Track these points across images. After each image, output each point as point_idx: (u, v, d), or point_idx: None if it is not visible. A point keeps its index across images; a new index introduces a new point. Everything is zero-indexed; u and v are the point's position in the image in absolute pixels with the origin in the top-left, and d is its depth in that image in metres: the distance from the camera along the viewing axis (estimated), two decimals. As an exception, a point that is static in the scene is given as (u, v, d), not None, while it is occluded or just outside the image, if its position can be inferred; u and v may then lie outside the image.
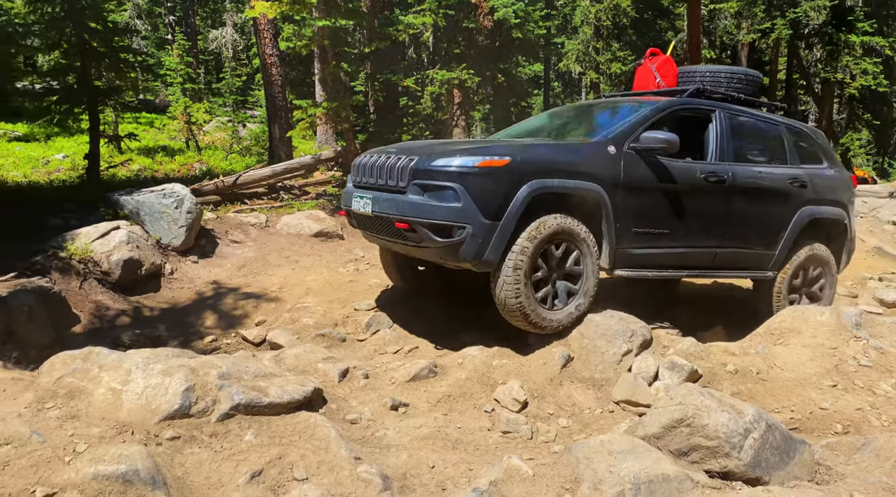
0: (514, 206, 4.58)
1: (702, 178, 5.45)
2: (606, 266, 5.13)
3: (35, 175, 11.15)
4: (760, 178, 5.89)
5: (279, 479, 3.33)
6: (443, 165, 4.64)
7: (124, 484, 3.02)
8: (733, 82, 6.39)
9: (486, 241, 4.55)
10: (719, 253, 5.75)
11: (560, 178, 4.77)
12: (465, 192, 4.52)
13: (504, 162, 4.59)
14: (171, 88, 19.71)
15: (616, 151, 5.03)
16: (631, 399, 4.42)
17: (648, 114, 5.37)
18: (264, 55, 12.77)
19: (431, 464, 3.66)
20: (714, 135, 5.74)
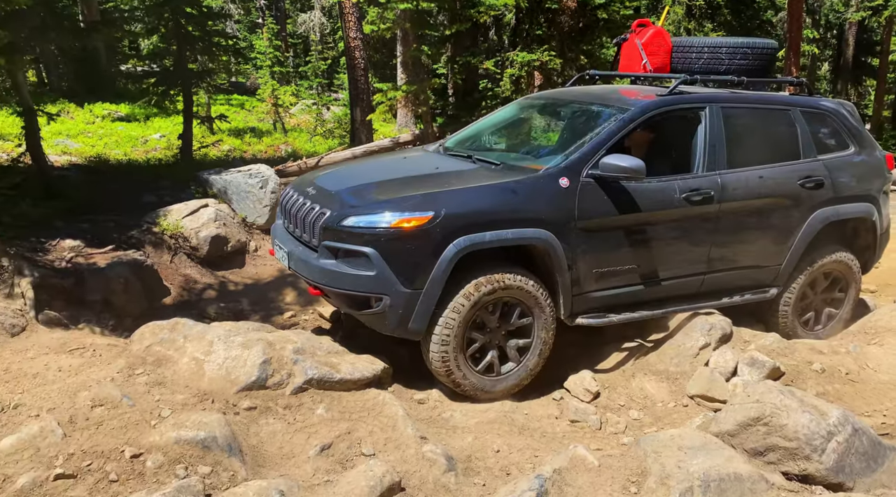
0: (438, 270, 3.91)
1: (682, 199, 4.54)
2: (563, 316, 4.43)
3: (134, 153, 11.81)
4: (760, 185, 4.85)
5: (347, 454, 3.43)
6: (352, 225, 3.98)
7: (203, 449, 3.18)
8: (736, 58, 5.26)
9: (408, 312, 3.97)
10: (707, 279, 4.87)
11: (495, 230, 4.01)
12: (380, 258, 3.89)
13: (424, 219, 3.88)
14: (261, 71, 20.36)
15: (570, 184, 4.22)
16: (706, 394, 4.27)
17: (614, 129, 4.44)
18: (348, 38, 12.98)
19: (496, 448, 3.67)
20: (701, 140, 4.71)
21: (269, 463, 3.34)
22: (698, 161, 4.70)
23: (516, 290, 4.16)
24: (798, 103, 5.21)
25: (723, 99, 4.87)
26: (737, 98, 4.97)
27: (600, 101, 4.93)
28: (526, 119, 5.45)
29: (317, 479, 3.15)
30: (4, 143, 10.49)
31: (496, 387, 4.29)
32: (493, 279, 4.07)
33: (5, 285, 5.07)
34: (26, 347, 4.53)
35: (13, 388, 3.81)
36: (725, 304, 4.96)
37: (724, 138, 4.74)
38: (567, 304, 4.37)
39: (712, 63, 5.28)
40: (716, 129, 4.72)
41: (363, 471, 3.00)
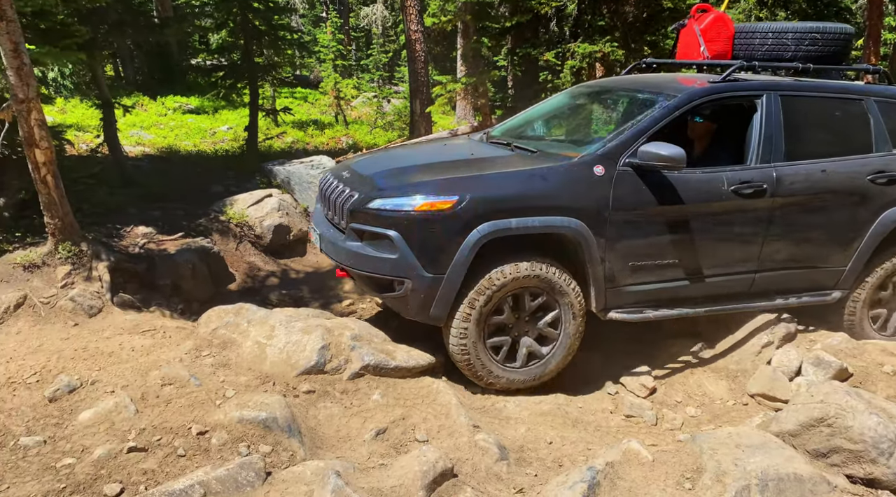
0: (460, 255, 3.84)
1: (730, 192, 4.27)
2: (595, 309, 4.27)
3: (203, 145, 12.24)
4: (822, 180, 4.51)
5: (402, 439, 3.50)
6: (378, 208, 3.97)
7: (265, 429, 3.31)
8: (804, 43, 4.83)
9: (429, 297, 3.92)
10: (758, 278, 4.56)
11: (521, 217, 3.90)
12: (403, 241, 3.87)
13: (449, 203, 3.83)
14: (324, 65, 20.73)
15: (605, 172, 4.04)
16: (768, 393, 4.16)
17: (657, 116, 4.21)
18: (409, 31, 13.07)
19: (549, 439, 3.68)
20: (756, 130, 4.42)
21: (326, 445, 3.44)
22: (752, 152, 4.42)
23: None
24: (872, 93, 4.84)
25: (783, 86, 4.54)
26: (799, 86, 4.63)
27: (650, 88, 4.69)
28: (574, 107, 5.26)
29: (372, 462, 3.23)
30: (84, 134, 11.04)
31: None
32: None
33: (84, 269, 5.36)
34: (102, 328, 4.80)
35: (91, 366, 4.04)
36: (780, 306, 4.67)
37: (782, 129, 4.44)
38: (600, 297, 4.22)
39: (777, 49, 4.92)
40: (773, 119, 4.43)
41: (416, 456, 3.06)
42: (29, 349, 4.31)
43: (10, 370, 3.97)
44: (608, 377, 4.56)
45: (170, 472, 3.04)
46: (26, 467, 3.07)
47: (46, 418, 3.51)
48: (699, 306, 4.45)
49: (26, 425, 3.45)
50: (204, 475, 2.83)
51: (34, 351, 4.29)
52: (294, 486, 2.83)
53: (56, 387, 3.73)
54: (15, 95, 4.82)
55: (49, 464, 3.10)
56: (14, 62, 4.71)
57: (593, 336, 5.02)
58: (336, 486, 2.67)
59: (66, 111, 13.63)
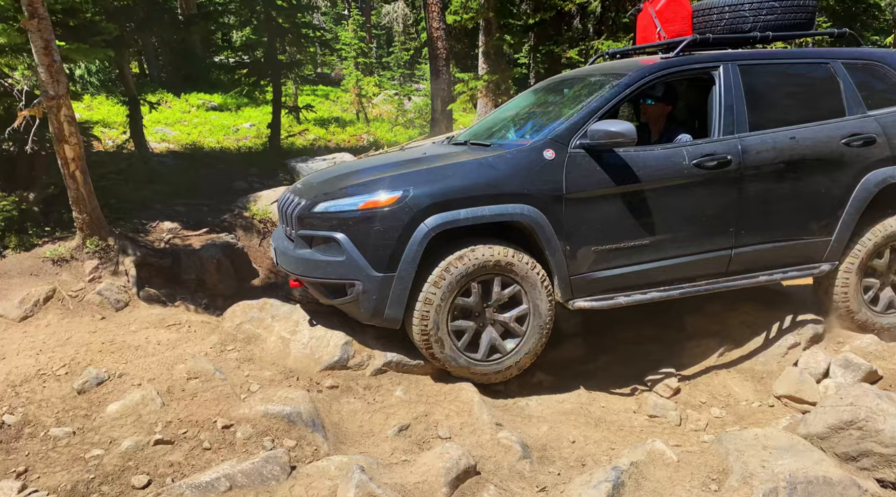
0: (409, 252, 3.75)
1: (692, 165, 4.10)
2: (561, 299, 4.08)
3: (226, 141, 12.35)
4: (792, 147, 4.30)
5: (424, 435, 3.50)
6: (322, 211, 3.91)
7: (289, 423, 3.33)
8: (762, 13, 4.64)
9: (382, 297, 3.80)
10: (735, 255, 4.34)
11: (470, 208, 3.79)
12: (349, 242, 3.79)
13: (391, 199, 3.75)
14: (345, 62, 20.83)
15: (555, 156, 3.92)
16: (794, 395, 4.10)
17: (607, 96, 4.10)
18: (431, 29, 13.07)
19: (572, 438, 3.66)
20: (716, 102, 4.28)
21: (349, 440, 3.46)
22: (714, 126, 4.27)
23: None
24: (839, 55, 4.61)
25: (739, 57, 4.39)
26: (756, 55, 4.47)
27: (603, 71, 4.54)
28: (537, 102, 5.07)
29: (395, 458, 3.24)
30: (109, 131, 11.19)
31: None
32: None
33: (111, 263, 5.44)
34: (129, 321, 4.86)
35: (118, 359, 4.10)
36: (764, 282, 4.46)
37: (743, 99, 4.29)
38: (564, 286, 4.05)
39: (736, 23, 4.72)
40: (732, 90, 4.28)
41: (440, 453, 3.06)
42: (58, 341, 4.39)
43: (41, 362, 4.04)
44: (631, 377, 4.52)
45: (196, 464, 3.07)
46: (56, 458, 3.13)
47: (75, 410, 3.57)
48: (674, 288, 4.26)
49: (56, 416, 3.51)
50: (229, 468, 2.86)
51: (63, 343, 4.36)
52: (318, 480, 2.84)
53: (84, 379, 3.79)
54: (45, 92, 4.90)
55: (78, 455, 3.15)
56: (45, 59, 4.79)
57: (614, 336, 5.00)
58: (360, 481, 2.68)
59: (92, 108, 13.83)
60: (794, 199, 4.38)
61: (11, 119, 5.28)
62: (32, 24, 4.68)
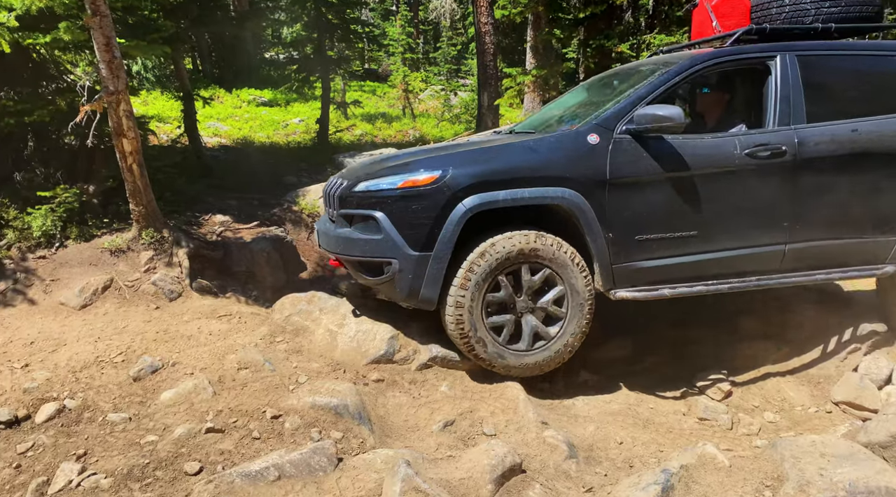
0: (446, 231, 3.73)
1: (744, 155, 3.99)
2: (602, 288, 4.00)
3: (276, 136, 12.56)
4: (853, 140, 4.14)
5: (469, 432, 3.50)
6: (363, 191, 3.94)
7: (336, 415, 3.37)
8: (825, 6, 4.47)
9: (417, 277, 3.78)
10: (790, 250, 4.17)
11: (509, 189, 3.76)
12: (388, 221, 3.81)
13: (430, 179, 3.75)
14: (393, 58, 20.94)
15: (600, 140, 3.86)
16: (854, 401, 3.96)
17: (656, 83, 4.03)
18: (479, 23, 13.01)
19: (619, 439, 3.61)
20: (772, 91, 4.15)
21: (395, 434, 3.47)
22: (769, 116, 4.15)
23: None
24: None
25: (799, 48, 4.25)
26: (817, 46, 4.32)
27: (655, 62, 4.46)
28: (586, 97, 5.01)
29: (440, 453, 3.24)
30: (164, 125, 11.50)
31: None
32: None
33: (165, 255, 5.58)
34: (182, 311, 4.99)
35: (171, 348, 4.21)
36: (821, 280, 4.26)
37: (801, 90, 4.15)
38: (606, 275, 3.96)
39: (797, 16, 4.55)
40: (790, 81, 4.15)
41: (485, 450, 3.05)
42: (115, 330, 4.53)
43: (99, 349, 4.18)
44: (681, 379, 4.43)
45: (245, 453, 3.13)
46: (113, 442, 3.23)
47: (131, 396, 3.68)
48: (722, 283, 4.11)
49: (113, 402, 3.62)
50: (278, 458, 2.90)
51: (120, 331, 4.50)
52: (364, 473, 2.86)
53: (140, 367, 3.91)
54: (106, 87, 5.05)
55: (134, 440, 3.25)
56: (106, 55, 4.94)
57: (662, 336, 4.91)
58: (406, 475, 2.69)
59: (148, 103, 14.23)
60: (855, 194, 4.19)
61: (74, 114, 5.47)
62: (95, 22, 4.83)
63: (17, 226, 5.63)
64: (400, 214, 3.79)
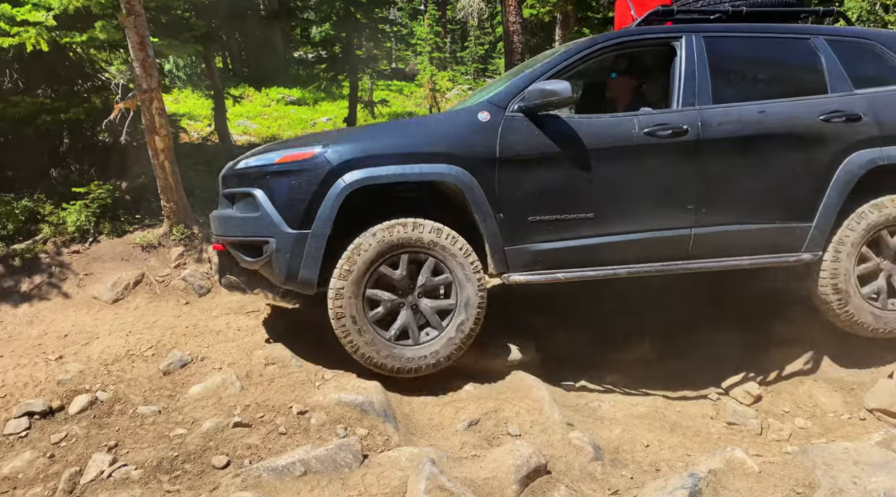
0: (325, 208, 3.56)
1: (643, 134, 3.83)
2: (495, 271, 3.83)
3: (303, 135, 12.67)
4: (761, 120, 3.96)
5: (494, 432, 3.49)
6: (243, 168, 3.82)
7: (361, 412, 3.39)
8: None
9: (296, 256, 3.60)
10: (697, 236, 3.97)
11: (392, 165, 3.62)
12: (265, 198, 3.66)
13: (309, 154, 3.62)
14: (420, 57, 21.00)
15: (491, 118, 3.74)
16: (889, 409, 3.86)
17: (554, 62, 3.94)
18: (507, 23, 12.96)
19: (646, 442, 3.57)
20: (677, 72, 4.02)
21: (419, 432, 3.48)
22: (674, 97, 4.00)
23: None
24: (821, 31, 4.31)
25: (705, 29, 4.16)
26: (724, 27, 4.22)
27: (566, 45, 4.35)
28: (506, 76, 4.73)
29: (464, 452, 3.24)
30: (194, 123, 11.66)
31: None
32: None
33: (195, 251, 5.66)
34: (211, 307, 5.06)
35: (200, 342, 4.27)
36: (731, 266, 4.05)
37: (707, 70, 4.02)
38: (498, 257, 3.80)
39: (714, 1, 4.47)
40: (695, 61, 4.02)
41: (510, 450, 3.04)
42: (146, 324, 4.61)
43: (130, 343, 4.25)
44: (709, 382, 4.37)
45: (272, 448, 3.16)
46: (143, 434, 3.29)
47: (161, 390, 3.74)
48: (623, 267, 3.92)
49: (143, 395, 3.68)
50: (304, 454, 2.93)
51: (150, 326, 4.58)
52: (390, 470, 2.88)
53: (170, 361, 3.97)
54: (139, 85, 5.14)
55: (163, 433, 3.30)
56: (140, 54, 5.02)
57: (690, 339, 4.84)
58: (431, 473, 2.70)
59: (179, 101, 14.43)
60: (764, 178, 4.00)
61: (108, 111, 5.58)
62: (129, 21, 4.92)
63: (53, 221, 5.75)
64: (278, 190, 3.66)
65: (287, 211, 3.63)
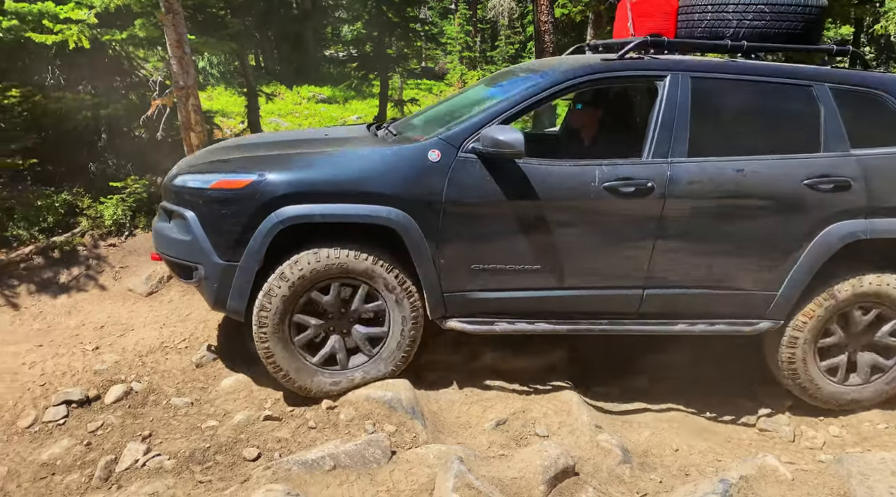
0: (255, 242, 3.35)
1: (601, 189, 3.48)
2: (432, 316, 3.63)
3: (334, 133, 12.75)
4: (737, 181, 3.58)
5: (522, 432, 3.48)
6: (179, 185, 3.58)
7: (389, 409, 3.41)
8: (748, 18, 3.86)
9: (223, 287, 3.44)
10: (648, 296, 3.71)
11: (327, 204, 3.38)
12: (197, 223, 3.45)
13: (243, 182, 3.37)
14: (450, 56, 21.00)
15: (441, 158, 3.44)
16: (927, 420, 3.77)
17: (518, 98, 3.60)
18: (538, 22, 12.91)
19: (675, 447, 3.54)
20: (654, 116, 3.60)
21: (447, 430, 3.49)
22: (647, 145, 3.59)
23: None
24: (827, 77, 3.76)
25: (694, 67, 3.68)
26: (718, 66, 3.73)
27: (537, 68, 3.95)
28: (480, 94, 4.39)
29: (492, 451, 3.24)
30: (227, 120, 11.82)
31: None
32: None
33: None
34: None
35: (232, 336, 4.33)
36: (682, 331, 3.79)
37: (688, 118, 3.59)
38: (435, 302, 3.59)
39: (717, 26, 3.93)
40: (675, 106, 3.59)
41: (538, 450, 3.04)
42: (179, 317, 4.69)
43: (164, 335, 4.34)
44: (741, 387, 4.31)
45: (301, 441, 3.21)
46: (176, 425, 3.35)
47: (193, 382, 3.81)
48: (567, 322, 3.71)
49: (176, 387, 3.76)
50: (334, 448, 2.96)
51: (183, 319, 4.66)
52: (417, 467, 2.89)
53: (202, 354, 4.04)
54: (176, 82, 5.23)
55: (195, 424, 3.36)
56: (177, 51, 5.12)
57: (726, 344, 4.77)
58: (459, 471, 2.70)
59: (212, 98, 14.64)
60: (732, 243, 3.68)
61: (145, 107, 5.69)
62: (168, 19, 5.01)
63: (91, 214, 5.88)
64: (209, 217, 3.46)
65: (217, 239, 3.44)
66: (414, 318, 3.60)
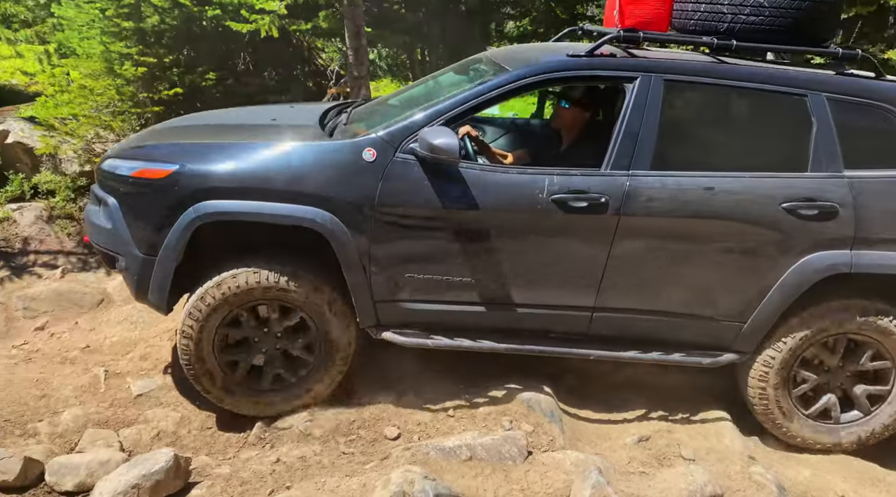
0: (172, 236, 3.13)
1: (548, 201, 3.13)
2: (363, 325, 3.35)
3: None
4: (704, 200, 3.18)
5: (665, 452, 3.32)
6: (106, 169, 3.38)
7: (528, 408, 3.40)
8: (743, 12, 3.36)
9: (143, 280, 3.25)
10: (598, 318, 3.37)
11: (252, 201, 3.11)
12: (119, 211, 3.25)
13: (164, 172, 3.14)
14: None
15: (377, 158, 3.13)
16: None
17: (469, 95, 3.23)
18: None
19: (840, 492, 3.21)
20: (619, 124, 3.21)
21: (585, 439, 3.41)
22: (607, 155, 3.22)
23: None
24: (826, 86, 3.28)
25: (668, 69, 3.26)
26: (696, 69, 3.29)
27: (502, 59, 3.59)
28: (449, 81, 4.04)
29: (632, 467, 3.12)
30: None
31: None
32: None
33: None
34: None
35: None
36: (633, 358, 3.45)
37: (656, 126, 3.19)
38: (366, 312, 3.32)
39: (710, 18, 3.50)
40: (643, 112, 3.19)
41: (682, 473, 2.88)
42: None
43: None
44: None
45: (440, 428, 3.27)
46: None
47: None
48: (506, 341, 3.40)
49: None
50: (471, 439, 2.99)
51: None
52: (553, 471, 2.84)
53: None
54: (351, 72, 5.52)
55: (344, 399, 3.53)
56: (355, 43, 5.39)
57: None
58: (597, 482, 2.63)
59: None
60: (696, 268, 3.29)
61: (321, 95, 6.06)
62: (349, 11, 5.29)
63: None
64: (130, 206, 3.28)
65: (137, 230, 3.27)
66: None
